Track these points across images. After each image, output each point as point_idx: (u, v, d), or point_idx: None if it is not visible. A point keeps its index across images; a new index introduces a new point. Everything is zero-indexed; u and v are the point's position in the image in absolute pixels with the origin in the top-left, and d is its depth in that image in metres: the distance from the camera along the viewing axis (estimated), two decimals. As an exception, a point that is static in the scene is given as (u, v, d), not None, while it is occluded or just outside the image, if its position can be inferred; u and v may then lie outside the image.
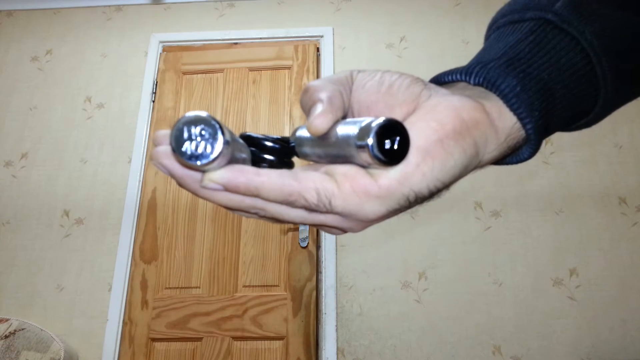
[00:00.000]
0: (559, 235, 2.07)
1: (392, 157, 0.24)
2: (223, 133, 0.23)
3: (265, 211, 0.27)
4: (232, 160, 0.25)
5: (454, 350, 1.92)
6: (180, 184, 0.26)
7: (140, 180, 2.25)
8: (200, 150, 0.23)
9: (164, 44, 2.56)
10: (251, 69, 2.43)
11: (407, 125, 0.26)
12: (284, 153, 0.30)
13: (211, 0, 2.64)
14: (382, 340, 1.96)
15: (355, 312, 2.01)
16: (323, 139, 0.28)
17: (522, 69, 0.28)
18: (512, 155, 0.31)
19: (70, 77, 2.52)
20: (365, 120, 0.24)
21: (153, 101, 2.41)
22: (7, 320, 1.95)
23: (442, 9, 2.53)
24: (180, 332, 1.99)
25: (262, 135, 0.30)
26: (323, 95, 0.27)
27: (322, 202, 0.25)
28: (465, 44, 2.44)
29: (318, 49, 2.49)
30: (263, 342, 1.95)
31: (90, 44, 2.59)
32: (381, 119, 0.23)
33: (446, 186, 0.26)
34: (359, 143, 0.24)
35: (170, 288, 2.07)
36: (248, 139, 0.29)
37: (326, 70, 2.41)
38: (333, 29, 2.52)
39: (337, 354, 1.94)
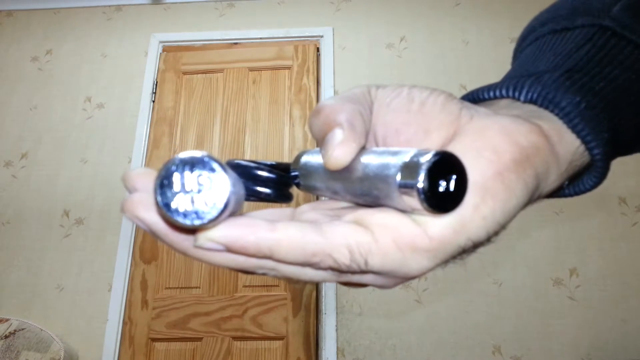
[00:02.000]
0: (559, 235, 2.07)
1: (447, 203, 0.19)
2: (230, 183, 0.17)
3: (277, 271, 0.21)
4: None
5: (454, 350, 1.92)
6: (164, 242, 0.20)
7: (140, 180, 2.25)
8: (197, 207, 0.17)
9: (164, 44, 2.56)
10: (251, 69, 2.43)
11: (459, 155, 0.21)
12: (281, 184, 0.24)
13: (211, 0, 2.64)
14: (382, 340, 1.96)
15: (355, 312, 2.01)
16: (342, 172, 0.22)
17: (584, 83, 0.24)
18: (569, 186, 0.26)
19: (70, 77, 2.52)
20: (406, 153, 0.19)
21: (153, 101, 2.41)
22: (7, 320, 1.95)
23: (442, 9, 2.53)
24: (180, 332, 1.99)
25: (254, 162, 0.24)
26: (342, 118, 0.22)
27: (356, 261, 0.20)
28: (465, 44, 2.44)
29: (318, 49, 2.49)
30: (263, 342, 1.96)
31: (90, 44, 2.59)
32: (431, 153, 0.18)
33: (503, 228, 0.22)
34: (404, 182, 0.19)
35: (170, 288, 2.07)
36: (237, 168, 0.24)
37: (326, 70, 2.41)
38: (333, 29, 2.52)
39: (337, 354, 1.94)
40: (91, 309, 2.06)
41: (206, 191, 0.17)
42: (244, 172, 0.23)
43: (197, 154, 0.17)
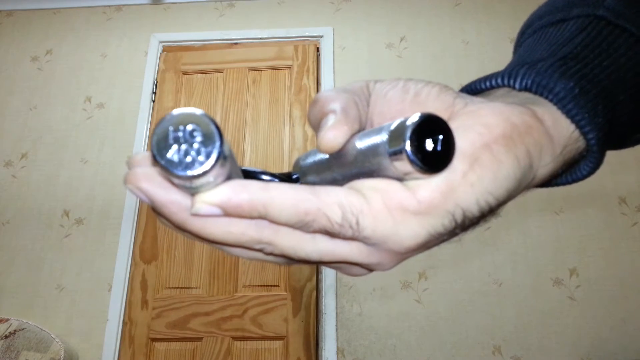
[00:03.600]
0: (559, 235, 2.07)
1: (436, 162, 0.19)
2: (221, 136, 0.18)
3: (274, 245, 0.21)
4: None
5: (454, 350, 1.92)
6: (163, 214, 0.20)
7: (140, 180, 2.25)
8: (190, 158, 0.17)
9: (164, 44, 2.56)
10: (251, 69, 2.43)
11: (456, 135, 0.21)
12: None
13: (211, 0, 2.64)
14: (382, 340, 1.96)
15: (355, 312, 2.01)
16: (337, 158, 0.23)
17: (578, 69, 0.24)
18: (565, 173, 0.26)
19: (70, 77, 2.52)
20: (394, 123, 0.20)
21: (153, 101, 2.41)
22: (7, 320, 1.95)
23: (442, 9, 2.53)
24: (180, 332, 1.99)
25: (260, 169, 0.25)
26: (336, 106, 0.23)
27: (347, 220, 0.20)
28: (465, 44, 2.44)
29: (318, 49, 2.49)
30: (263, 342, 1.95)
31: (90, 44, 2.59)
32: (417, 115, 0.19)
33: (498, 204, 0.22)
34: (392, 149, 0.19)
35: (170, 288, 2.07)
36: (243, 174, 0.24)
37: (326, 70, 2.41)
38: (333, 29, 2.52)
39: (337, 354, 1.94)
40: (91, 309, 2.05)
41: (199, 144, 0.17)
42: (249, 177, 0.24)
43: (190, 110, 0.18)
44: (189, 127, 0.18)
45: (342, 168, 0.23)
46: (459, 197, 0.20)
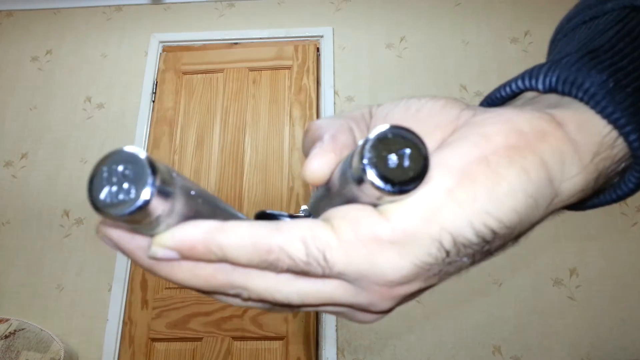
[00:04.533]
0: (559, 235, 2.07)
1: (404, 180, 0.16)
2: (154, 170, 0.16)
3: (248, 290, 0.19)
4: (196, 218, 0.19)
5: (454, 350, 1.92)
6: (134, 262, 0.19)
7: (140, 180, 2.25)
8: (122, 197, 0.16)
9: (164, 44, 2.56)
10: (251, 69, 2.43)
11: (441, 148, 0.18)
12: None
13: (211, 0, 2.64)
14: (382, 340, 1.96)
15: (355, 312, 2.00)
16: (328, 188, 0.20)
17: (612, 62, 0.20)
18: (608, 190, 0.22)
19: (70, 77, 2.52)
20: (357, 147, 0.17)
21: (153, 101, 2.41)
22: (7, 320, 1.95)
23: (442, 9, 2.53)
24: (180, 332, 1.99)
25: (280, 212, 0.23)
26: (325, 133, 0.21)
27: (313, 256, 0.17)
28: (465, 44, 2.44)
29: (318, 49, 2.49)
30: (263, 342, 1.96)
31: (90, 44, 2.59)
32: (378, 129, 0.17)
33: (507, 228, 0.18)
34: (354, 172, 0.17)
35: (170, 288, 2.06)
36: (262, 217, 0.23)
37: (326, 70, 2.41)
38: (333, 29, 2.52)
39: (337, 354, 1.94)
40: (91, 309, 2.05)
41: (130, 182, 0.17)
42: (270, 219, 0.22)
43: (126, 148, 0.17)
44: (121, 167, 0.17)
45: (331, 199, 0.20)
46: (445, 220, 0.17)
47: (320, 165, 0.20)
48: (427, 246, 0.17)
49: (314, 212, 0.23)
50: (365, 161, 0.16)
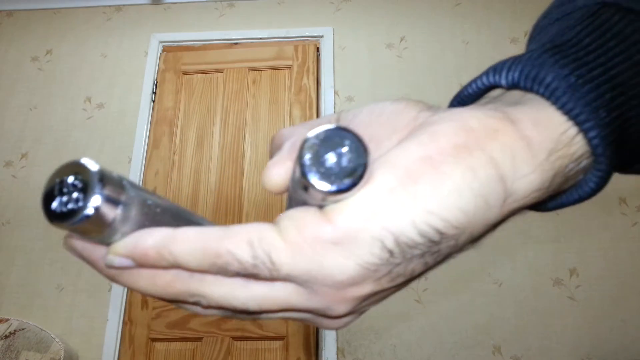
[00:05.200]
0: (559, 235, 2.07)
1: (342, 180, 0.16)
2: (102, 180, 0.17)
3: (206, 297, 0.19)
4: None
5: (454, 350, 1.92)
6: (99, 272, 0.20)
7: (140, 181, 2.25)
8: (71, 206, 0.17)
9: (164, 44, 2.56)
10: (251, 69, 2.43)
11: (391, 149, 0.18)
12: None
13: (211, 0, 2.64)
14: (382, 340, 1.96)
15: (355, 312, 2.00)
16: (290, 194, 0.20)
17: (576, 57, 0.20)
18: (566, 191, 0.22)
19: (70, 77, 2.52)
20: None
21: (153, 101, 2.41)
22: (7, 320, 1.95)
23: (442, 9, 2.53)
24: (180, 332, 1.99)
25: None
26: (286, 141, 0.21)
27: (259, 258, 0.17)
28: (465, 44, 2.44)
29: (318, 49, 2.49)
30: (263, 342, 1.95)
31: (90, 44, 2.59)
32: (319, 128, 0.17)
33: (456, 228, 0.17)
34: (296, 172, 0.17)
35: (170, 288, 2.06)
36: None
37: (326, 70, 2.41)
38: (333, 29, 2.52)
39: (337, 354, 1.94)
40: (91, 309, 2.05)
41: (78, 192, 0.17)
42: None
43: (77, 159, 0.18)
44: (71, 178, 0.17)
45: (291, 204, 0.20)
46: (385, 219, 0.17)
47: (277, 173, 0.20)
48: (369, 246, 0.17)
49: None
50: (302, 161, 0.16)
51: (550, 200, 0.22)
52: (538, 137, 0.18)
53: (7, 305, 2.09)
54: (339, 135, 0.16)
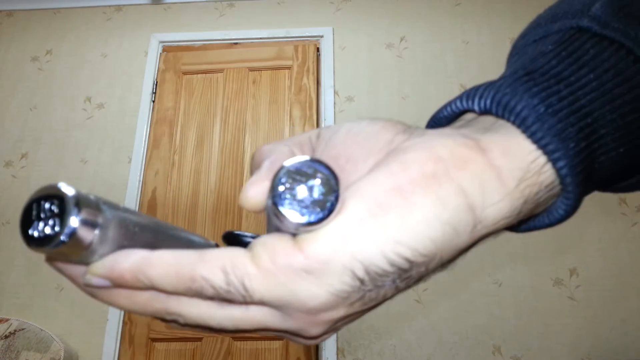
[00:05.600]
0: (559, 235, 2.07)
1: (313, 212, 0.17)
2: (78, 204, 0.17)
3: (183, 316, 0.20)
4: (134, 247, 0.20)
5: (454, 350, 1.92)
6: (78, 287, 0.21)
7: (140, 180, 2.25)
8: (48, 231, 0.17)
9: (164, 44, 2.56)
10: (251, 69, 2.43)
11: (363, 177, 0.19)
12: None
13: (211, 0, 2.64)
14: (382, 340, 1.96)
15: (355, 312, 2.01)
16: (267, 215, 0.21)
17: (547, 85, 0.20)
18: (541, 214, 0.22)
19: (70, 77, 2.52)
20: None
21: (153, 101, 2.41)
22: (7, 320, 1.95)
23: (442, 9, 2.53)
24: (180, 332, 1.99)
25: (248, 233, 0.23)
26: (265, 160, 0.21)
27: (233, 285, 0.18)
28: (465, 44, 2.44)
29: (318, 49, 2.49)
30: (263, 342, 1.96)
31: (90, 44, 2.59)
32: (292, 159, 0.17)
33: (425, 256, 0.18)
34: (269, 201, 0.17)
35: (170, 288, 2.07)
36: (229, 238, 0.23)
37: (326, 70, 2.41)
38: (333, 29, 2.52)
39: (337, 354, 1.94)
40: (91, 309, 2.06)
41: (55, 216, 0.17)
42: (236, 242, 0.23)
43: (53, 184, 0.18)
44: (48, 204, 0.17)
45: (268, 225, 0.20)
46: (355, 249, 0.17)
47: (255, 193, 0.20)
48: (340, 275, 0.17)
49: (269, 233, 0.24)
50: (274, 193, 0.17)
51: (521, 223, 0.22)
52: (508, 166, 0.19)
53: (7, 305, 2.09)
54: (313, 167, 0.17)
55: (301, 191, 0.17)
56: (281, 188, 0.17)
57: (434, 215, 0.17)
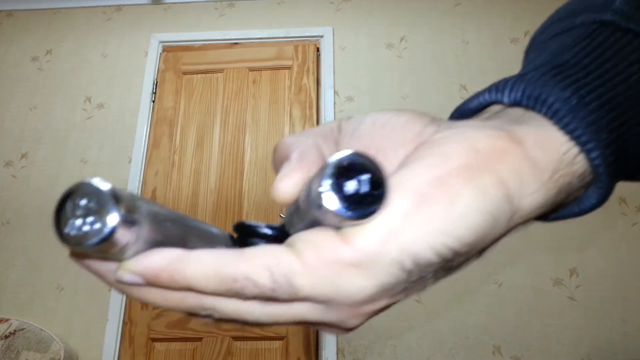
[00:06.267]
0: (559, 235, 2.07)
1: (362, 206, 0.17)
2: (117, 201, 0.17)
3: (217, 311, 0.19)
4: (167, 244, 0.19)
5: (454, 351, 1.92)
6: (107, 284, 0.20)
7: (140, 181, 2.25)
8: (86, 229, 0.16)
9: (164, 44, 2.56)
10: (251, 69, 2.43)
11: (400, 168, 0.19)
12: (282, 237, 0.22)
13: (211, 0, 2.64)
14: (382, 340, 1.96)
15: (355, 312, 2.00)
16: (296, 207, 0.21)
17: (577, 78, 0.20)
18: (572, 203, 0.23)
19: (70, 77, 2.52)
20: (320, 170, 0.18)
21: (153, 101, 2.41)
22: (7, 320, 1.95)
23: (442, 9, 2.53)
24: (180, 332, 1.99)
25: (260, 223, 0.23)
26: (292, 152, 0.21)
27: (279, 284, 0.18)
28: (465, 44, 2.44)
29: (318, 49, 2.49)
30: (263, 342, 1.96)
31: (90, 44, 2.59)
32: (339, 154, 0.17)
33: (468, 247, 0.18)
34: (314, 196, 0.17)
35: (170, 288, 2.06)
36: (241, 229, 0.23)
37: (326, 70, 2.41)
38: (333, 29, 2.52)
39: (337, 354, 1.94)
40: (91, 309, 2.06)
41: (95, 214, 0.17)
42: (248, 232, 0.23)
43: (88, 180, 0.17)
44: (84, 200, 0.17)
45: (300, 217, 0.20)
46: (403, 242, 0.17)
47: (288, 186, 0.20)
48: (388, 268, 0.18)
49: (288, 224, 0.23)
50: (322, 189, 0.17)
51: (550, 212, 0.23)
52: (542, 157, 0.19)
53: (7, 305, 2.09)
54: (359, 161, 0.17)
55: (349, 185, 0.17)
56: (328, 182, 0.17)
57: (475, 205, 0.18)
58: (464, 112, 0.24)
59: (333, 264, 0.18)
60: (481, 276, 2.02)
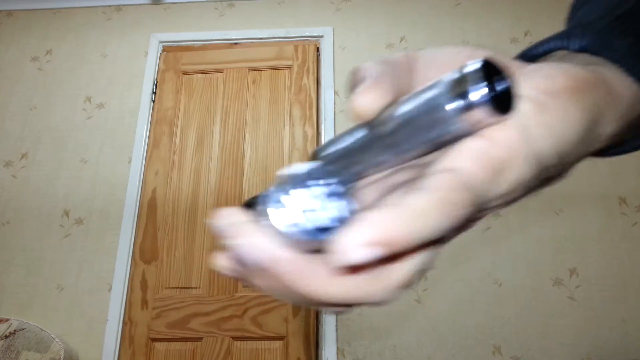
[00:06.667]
0: (559, 235, 2.07)
1: (504, 102, 0.17)
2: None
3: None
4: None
5: (454, 350, 1.92)
6: (273, 276, 0.18)
7: (140, 180, 2.25)
8: (325, 215, 0.14)
9: (164, 44, 2.56)
10: (251, 69, 2.43)
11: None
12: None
13: (211, 0, 2.64)
14: (382, 340, 1.96)
15: (355, 312, 2.01)
16: (378, 134, 0.19)
17: (637, 28, 0.23)
18: (629, 140, 0.25)
19: (70, 77, 2.52)
20: (448, 76, 0.17)
21: (153, 101, 2.41)
22: (7, 320, 1.95)
23: (442, 9, 2.53)
24: (180, 332, 1.99)
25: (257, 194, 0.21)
26: (370, 72, 0.21)
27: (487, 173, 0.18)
28: (465, 44, 2.43)
29: (318, 49, 2.49)
30: (263, 342, 1.95)
31: (90, 44, 2.59)
32: (477, 60, 0.17)
33: (567, 158, 0.20)
34: (460, 98, 0.17)
35: (170, 288, 2.06)
36: (250, 205, 0.20)
37: (326, 70, 2.41)
38: (333, 29, 2.52)
39: (337, 354, 1.94)
40: (91, 309, 2.05)
41: (333, 198, 0.16)
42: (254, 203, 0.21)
43: (300, 168, 0.16)
44: (317, 185, 0.15)
45: (386, 143, 0.19)
46: (534, 138, 0.18)
47: (373, 99, 0.19)
48: (519, 162, 0.18)
49: (344, 167, 0.21)
50: (479, 83, 0.16)
51: (611, 148, 0.25)
52: (620, 92, 0.21)
53: (7, 305, 2.09)
54: (495, 66, 0.17)
55: (501, 84, 0.17)
56: (480, 80, 0.17)
57: (580, 123, 0.19)
58: (528, 57, 0.25)
59: (486, 161, 0.17)
60: (481, 276, 2.02)
